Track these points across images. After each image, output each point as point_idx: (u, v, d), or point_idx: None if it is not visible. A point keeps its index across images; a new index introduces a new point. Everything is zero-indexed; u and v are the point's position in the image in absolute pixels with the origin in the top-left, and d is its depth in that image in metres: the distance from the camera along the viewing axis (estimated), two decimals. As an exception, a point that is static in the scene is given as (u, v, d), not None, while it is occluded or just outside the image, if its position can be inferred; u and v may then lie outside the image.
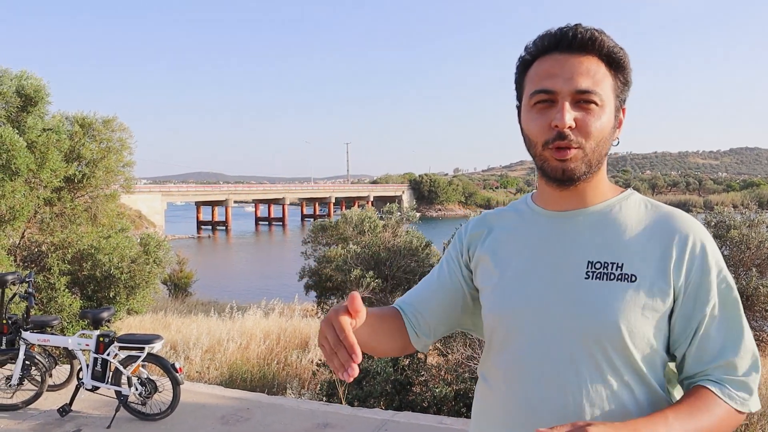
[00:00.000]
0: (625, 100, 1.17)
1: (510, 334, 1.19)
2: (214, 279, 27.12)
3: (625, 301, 1.08)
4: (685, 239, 1.11)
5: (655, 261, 1.10)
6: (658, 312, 1.10)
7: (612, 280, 1.10)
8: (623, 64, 1.13)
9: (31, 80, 7.86)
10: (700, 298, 1.10)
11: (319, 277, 14.45)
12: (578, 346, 1.11)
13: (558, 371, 1.12)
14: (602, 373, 1.10)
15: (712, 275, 1.11)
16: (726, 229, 10.57)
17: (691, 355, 1.12)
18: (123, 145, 8.72)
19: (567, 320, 1.12)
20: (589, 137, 1.09)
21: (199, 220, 73.37)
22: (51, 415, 4.50)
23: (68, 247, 7.69)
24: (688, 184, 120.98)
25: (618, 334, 1.08)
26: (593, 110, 1.09)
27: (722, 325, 1.10)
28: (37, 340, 4.63)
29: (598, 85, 1.09)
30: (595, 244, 1.14)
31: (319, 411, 4.63)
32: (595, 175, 1.16)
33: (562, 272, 1.14)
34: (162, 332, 10.35)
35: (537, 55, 1.14)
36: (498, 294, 1.22)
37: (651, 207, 1.18)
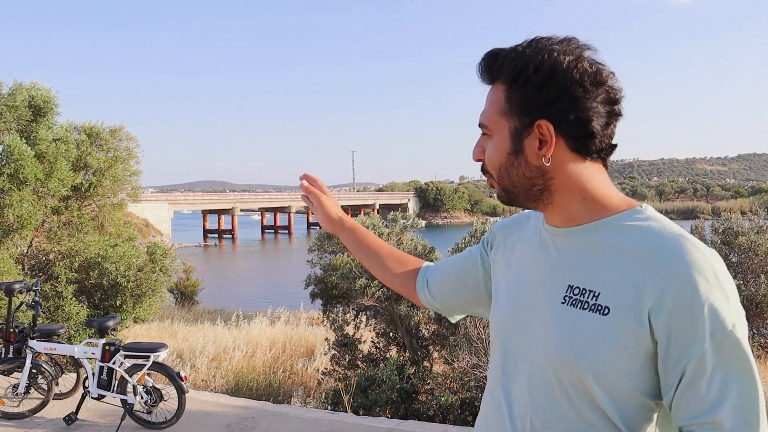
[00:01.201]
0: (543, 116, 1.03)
1: (495, 345, 1.22)
2: (220, 287, 27.16)
3: (591, 336, 1.00)
4: (668, 279, 0.95)
5: (633, 296, 0.97)
6: (631, 351, 0.98)
7: (584, 309, 1.02)
8: (521, 78, 1.03)
9: (41, 91, 7.94)
10: (686, 345, 0.94)
11: (325, 285, 14.42)
12: (539, 375, 1.07)
13: (523, 395, 1.10)
14: (560, 406, 1.04)
15: (703, 320, 0.93)
16: (734, 235, 10.52)
17: (675, 406, 0.97)
18: (130, 154, 8.77)
19: (535, 345, 1.09)
20: (489, 167, 1.12)
21: (205, 228, 73.55)
22: (57, 423, 4.51)
23: (75, 256, 7.73)
24: (696, 190, 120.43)
25: (578, 372, 1.01)
26: (488, 140, 1.11)
27: (714, 377, 0.93)
28: (43, 348, 4.65)
29: (485, 114, 1.10)
30: (580, 267, 1.06)
31: (324, 419, 4.62)
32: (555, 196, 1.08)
33: (545, 293, 1.10)
34: (168, 340, 10.37)
35: None
36: (495, 303, 1.24)
37: (651, 229, 1.02)
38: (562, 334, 1.04)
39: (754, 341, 9.72)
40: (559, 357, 1.03)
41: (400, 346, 7.36)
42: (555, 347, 1.04)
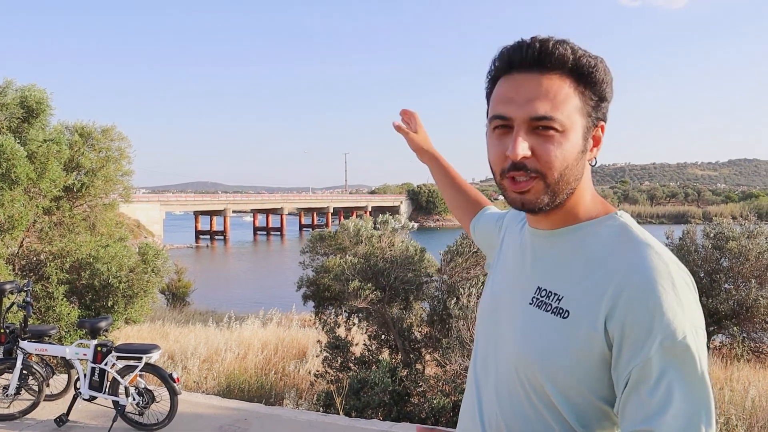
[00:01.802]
0: (601, 117, 1.05)
1: (477, 345, 1.23)
2: (212, 289, 27.07)
3: (550, 338, 1.01)
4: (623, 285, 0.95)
5: (592, 301, 0.98)
6: (587, 354, 0.97)
7: (547, 311, 1.03)
8: (593, 78, 1.01)
9: (34, 92, 7.89)
10: (633, 351, 0.93)
11: (317, 287, 14.40)
12: (505, 372, 1.09)
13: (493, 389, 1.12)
14: (521, 404, 1.06)
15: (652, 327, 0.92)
16: (725, 240, 10.59)
17: (621, 412, 0.96)
18: (122, 155, 8.73)
19: (503, 344, 1.11)
20: (549, 167, 0.99)
21: (197, 229, 73.35)
22: (48, 425, 4.48)
23: (67, 256, 7.68)
24: (687, 195, 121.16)
25: (534, 371, 1.02)
26: (553, 137, 0.99)
27: (657, 387, 0.91)
28: (34, 349, 4.62)
29: (558, 109, 0.98)
30: (549, 270, 1.08)
31: (316, 422, 4.61)
32: (569, 200, 1.05)
33: (518, 294, 1.11)
34: (160, 342, 10.32)
35: (500, 73, 1.05)
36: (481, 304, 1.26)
37: (621, 236, 1.03)
38: (524, 335, 1.06)
39: (745, 345, 9.77)
40: (520, 357, 1.05)
41: (393, 348, 7.35)
42: (517, 347, 1.06)
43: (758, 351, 10.05)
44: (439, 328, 6.91)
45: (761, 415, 5.45)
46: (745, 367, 8.42)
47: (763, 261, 10.18)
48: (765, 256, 10.16)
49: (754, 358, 9.68)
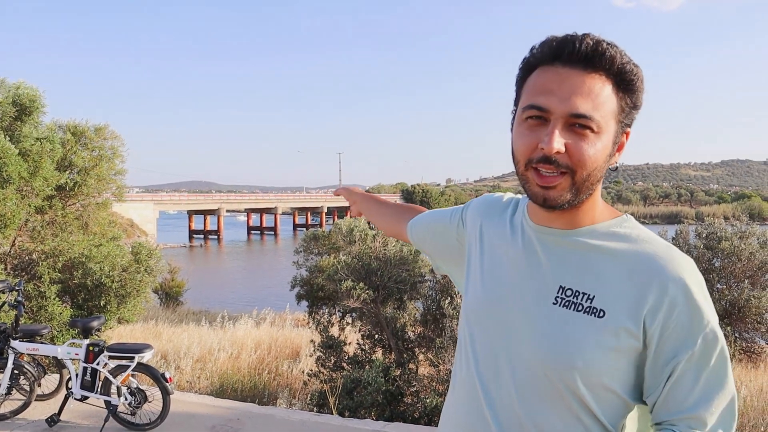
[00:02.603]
0: (630, 124, 1.06)
1: (474, 344, 1.18)
2: (205, 288, 27.00)
3: (586, 337, 1.02)
4: (666, 284, 1.00)
5: (630, 301, 1.01)
6: (621, 354, 1.02)
7: (579, 311, 1.04)
8: (633, 86, 1.02)
9: (27, 90, 7.84)
10: (678, 344, 1.00)
11: (311, 286, 14.39)
12: (529, 371, 1.07)
13: (510, 389, 1.09)
14: (552, 403, 1.06)
15: (696, 322, 1.00)
16: (717, 240, 10.64)
17: (660, 403, 1.03)
18: (115, 153, 8.69)
19: (525, 344, 1.08)
20: (580, 166, 1.00)
21: (191, 229, 73.10)
22: (39, 425, 4.46)
23: (59, 256, 7.64)
24: (680, 195, 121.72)
25: (568, 370, 1.03)
26: (588, 137, 1.00)
27: (698, 375, 1.00)
28: (26, 349, 4.60)
29: (598, 110, 0.99)
30: (572, 270, 1.07)
31: (309, 422, 4.61)
32: (586, 201, 1.07)
33: (534, 293, 1.10)
34: (153, 341, 10.28)
35: (540, 62, 1.03)
36: (469, 289, 1.23)
37: (641, 239, 1.07)
38: (554, 335, 1.05)
39: (737, 345, 9.82)
40: (550, 356, 1.04)
41: (386, 348, 7.35)
42: (547, 347, 1.05)
43: (750, 351, 10.10)
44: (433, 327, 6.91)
45: (752, 415, 5.48)
46: (737, 367, 8.48)
47: (755, 261, 10.24)
48: (757, 256, 10.21)
49: (746, 358, 9.74)
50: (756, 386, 6.77)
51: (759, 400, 5.98)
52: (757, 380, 7.30)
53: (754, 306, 9.69)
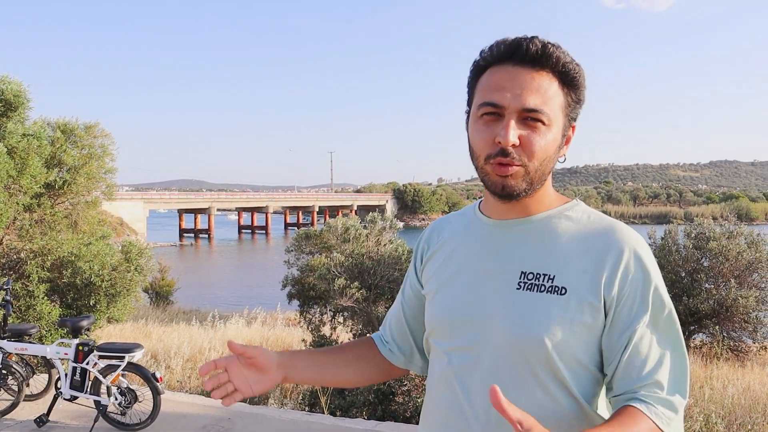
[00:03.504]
0: (575, 118, 1.15)
1: (444, 340, 1.21)
2: (196, 287, 26.89)
3: (552, 315, 1.07)
4: (619, 254, 1.08)
5: (588, 275, 1.08)
6: (587, 327, 1.08)
7: (542, 291, 1.09)
8: (577, 83, 1.11)
9: (11, 85, 7.76)
10: (632, 314, 1.07)
11: (302, 286, 14.36)
12: (503, 357, 1.11)
13: (485, 380, 1.12)
14: (527, 384, 1.10)
15: (646, 292, 1.08)
16: (706, 240, 10.71)
17: (619, 373, 1.08)
18: (105, 152, 8.63)
19: (494, 331, 1.12)
20: (533, 156, 1.07)
21: (181, 227, 72.79)
22: (28, 425, 4.42)
23: (48, 254, 7.58)
24: (669, 195, 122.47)
25: (542, 348, 1.07)
26: (539, 129, 1.07)
27: (653, 343, 1.07)
28: (14, 348, 4.56)
29: (547, 104, 1.07)
30: (531, 254, 1.14)
31: (301, 421, 4.60)
32: (538, 190, 1.14)
33: (497, 281, 1.15)
34: (143, 341, 10.23)
35: (491, 62, 1.11)
36: (435, 302, 1.25)
37: (592, 218, 1.16)
38: (523, 317, 1.09)
39: (724, 344, 9.90)
40: (524, 338, 1.09)
41: (378, 347, 7.35)
42: (519, 330, 1.09)
43: (737, 350, 10.18)
44: (424, 327, 6.90)
45: (740, 413, 5.52)
46: (725, 365, 8.53)
47: (743, 261, 10.32)
48: (744, 256, 10.29)
49: (733, 357, 9.81)
50: (743, 384, 6.82)
51: (746, 398, 6.02)
52: (744, 379, 7.36)
53: (742, 305, 9.77)
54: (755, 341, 10.24)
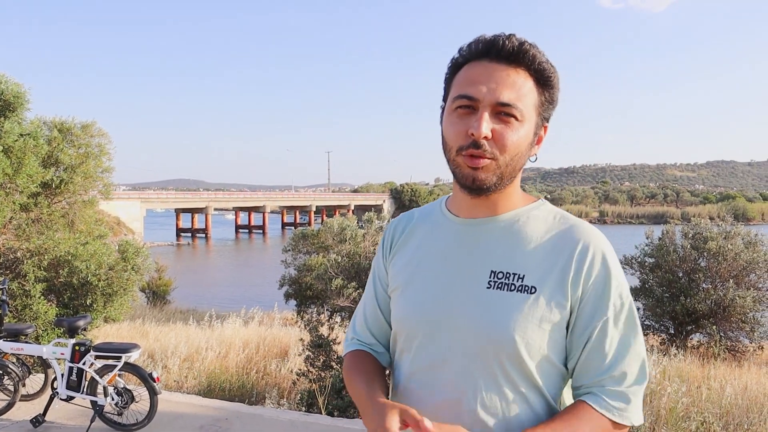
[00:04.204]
0: (548, 118, 1.17)
1: (412, 340, 1.21)
2: (193, 287, 26.84)
3: (522, 313, 1.10)
4: (584, 253, 1.12)
5: (555, 273, 1.11)
6: (555, 324, 1.11)
7: (512, 291, 1.11)
8: (551, 83, 1.13)
9: (10, 85, 7.74)
10: (594, 311, 1.11)
11: (300, 285, 14.36)
12: (474, 356, 1.12)
13: (454, 380, 1.14)
14: (497, 382, 1.12)
15: (609, 290, 1.11)
16: (703, 240, 10.72)
17: (579, 367, 1.13)
18: (102, 151, 8.60)
19: (465, 330, 1.13)
20: (504, 150, 1.09)
21: (178, 227, 72.68)
22: (24, 426, 4.40)
23: (44, 254, 7.55)
24: (666, 195, 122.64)
25: (513, 346, 1.09)
26: (512, 124, 1.09)
27: (612, 339, 1.11)
28: (10, 348, 4.54)
29: (521, 100, 1.09)
30: (500, 254, 1.15)
31: (298, 421, 4.59)
32: (507, 187, 1.16)
33: (466, 281, 1.16)
34: (140, 341, 10.21)
35: (468, 59, 1.13)
36: (402, 300, 1.24)
37: (558, 218, 1.18)
38: (494, 316, 1.11)
39: (722, 344, 9.91)
40: (494, 337, 1.10)
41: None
42: (490, 329, 1.11)
43: (735, 350, 10.20)
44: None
45: (737, 413, 5.52)
46: (722, 365, 8.54)
47: (740, 261, 10.34)
48: (742, 256, 10.31)
49: (730, 357, 9.82)
50: (740, 384, 6.83)
51: (743, 398, 6.03)
52: (742, 379, 7.37)
53: (739, 305, 9.79)
54: (752, 341, 10.26)
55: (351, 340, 1.40)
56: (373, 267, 1.40)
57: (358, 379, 1.24)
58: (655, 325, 11.16)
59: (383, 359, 1.34)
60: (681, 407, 5.53)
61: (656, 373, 7.07)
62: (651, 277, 11.31)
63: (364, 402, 1.14)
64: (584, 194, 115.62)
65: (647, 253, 11.54)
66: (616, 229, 76.87)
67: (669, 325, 11.08)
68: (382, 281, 1.35)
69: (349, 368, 1.32)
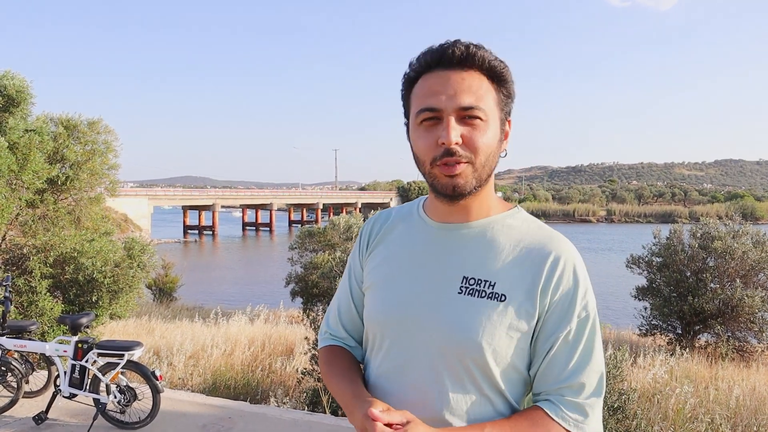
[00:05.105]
0: (509, 112, 1.19)
1: (383, 340, 1.24)
2: (199, 284, 26.91)
3: (491, 320, 1.12)
4: (555, 264, 1.14)
5: (526, 283, 1.13)
6: (522, 333, 1.14)
7: (483, 297, 1.14)
8: (504, 78, 1.15)
9: (14, 80, 7.75)
10: (558, 322, 1.14)
11: (306, 283, 14.35)
12: (442, 358, 1.15)
13: (422, 381, 1.17)
14: (463, 384, 1.14)
15: (575, 302, 1.14)
16: (711, 240, 10.64)
17: (539, 375, 1.16)
18: (108, 148, 8.61)
19: (434, 332, 1.15)
20: (477, 152, 1.10)
21: (185, 224, 72.88)
22: (26, 423, 4.40)
23: (50, 250, 7.56)
24: (674, 194, 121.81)
25: (480, 352, 1.12)
26: (478, 125, 1.10)
27: (573, 350, 1.14)
28: (13, 345, 4.53)
29: (481, 101, 1.11)
30: (473, 260, 1.18)
31: (302, 421, 4.57)
32: (482, 190, 1.17)
33: (438, 285, 1.18)
34: (145, 337, 10.23)
35: (421, 71, 1.15)
36: (375, 300, 1.27)
37: (532, 227, 1.21)
38: (463, 321, 1.13)
39: (729, 344, 9.83)
40: (463, 342, 1.13)
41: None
42: (459, 333, 1.13)
43: (743, 350, 10.12)
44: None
45: (745, 414, 5.47)
46: (730, 366, 8.47)
47: (748, 261, 10.25)
48: (750, 255, 10.22)
49: (738, 357, 9.75)
50: (749, 385, 6.76)
51: (752, 399, 5.97)
52: (750, 379, 7.30)
53: (747, 305, 9.70)
54: (761, 341, 10.17)
55: (324, 333, 1.43)
56: (348, 262, 1.42)
57: (339, 377, 1.27)
58: (663, 325, 11.09)
59: (357, 353, 1.37)
60: (689, 408, 5.48)
61: (664, 374, 7.01)
62: (658, 276, 11.24)
63: (350, 401, 1.17)
64: (591, 193, 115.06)
65: (655, 252, 11.47)
66: (624, 228, 76.57)
67: (676, 325, 11.01)
68: (357, 277, 1.37)
69: (326, 363, 1.35)
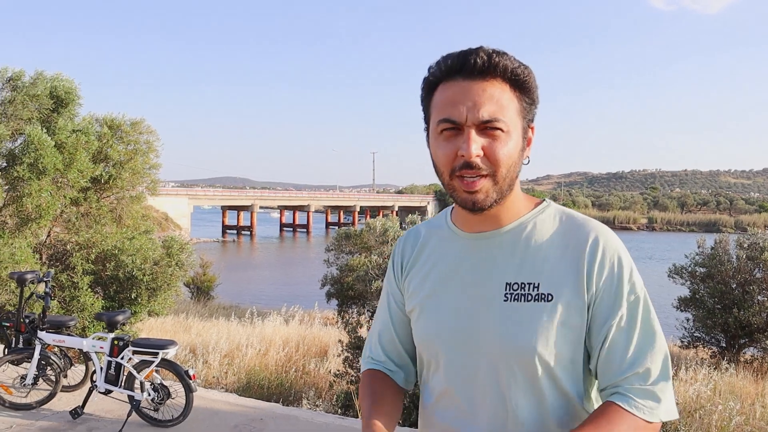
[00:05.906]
0: (532, 119, 1.16)
1: (438, 359, 1.22)
2: (236, 283, 27.27)
3: (542, 323, 1.10)
4: (594, 251, 1.12)
5: (570, 277, 1.11)
6: (576, 328, 1.11)
7: (530, 301, 1.12)
8: (527, 85, 1.11)
9: (63, 82, 7.95)
10: (609, 309, 1.11)
11: (341, 285, 14.34)
12: (502, 370, 1.14)
13: (484, 393, 1.16)
14: (528, 390, 1.13)
15: (621, 285, 1.11)
16: (760, 251, 10.26)
17: (601, 367, 1.13)
18: (150, 148, 8.76)
19: (489, 345, 1.14)
20: (499, 164, 1.08)
21: (224, 224, 74.05)
22: (63, 416, 4.47)
23: (92, 247, 7.72)
24: (719, 203, 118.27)
25: (538, 356, 1.10)
26: (500, 137, 1.08)
27: (630, 336, 1.10)
28: (52, 340, 4.62)
29: (503, 112, 1.08)
30: (512, 265, 1.16)
31: (333, 425, 4.53)
32: (508, 197, 1.15)
33: (483, 296, 1.16)
34: (182, 335, 10.37)
35: (441, 78, 1.12)
36: (423, 322, 1.25)
37: (565, 219, 1.18)
38: (515, 328, 1.12)
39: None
40: (519, 349, 1.11)
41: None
42: (513, 341, 1.12)
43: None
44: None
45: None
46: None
47: (800, 274, 9.84)
48: (801, 268, 9.81)
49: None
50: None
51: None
52: None
53: (797, 320, 9.31)
54: (811, 358, 9.75)
55: (366, 358, 1.41)
56: (385, 286, 1.40)
57: (366, 399, 1.26)
58: (706, 338, 10.75)
59: (397, 378, 1.35)
60: (733, 425, 5.26)
61: (707, 389, 6.77)
62: (702, 287, 10.89)
63: (364, 422, 1.18)
64: (633, 200, 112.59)
65: (698, 262, 11.12)
66: (666, 237, 74.75)
67: (720, 338, 10.65)
68: (396, 300, 1.35)
69: (361, 385, 1.35)
